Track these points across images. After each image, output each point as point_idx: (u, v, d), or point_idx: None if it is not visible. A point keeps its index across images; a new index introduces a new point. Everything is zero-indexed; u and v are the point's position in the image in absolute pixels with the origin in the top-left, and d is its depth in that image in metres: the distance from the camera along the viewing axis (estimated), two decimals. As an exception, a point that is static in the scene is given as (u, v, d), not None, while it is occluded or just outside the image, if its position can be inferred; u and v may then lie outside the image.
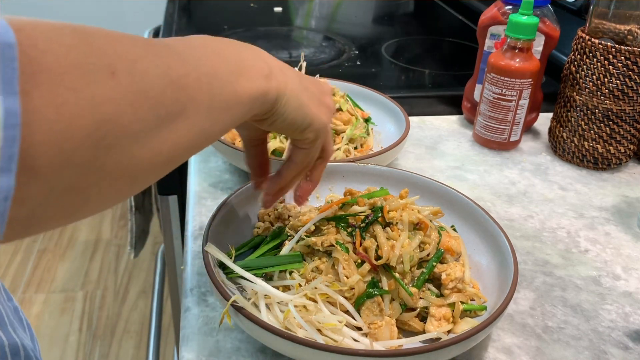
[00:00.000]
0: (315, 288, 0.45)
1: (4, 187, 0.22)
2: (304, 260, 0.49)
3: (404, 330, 0.48)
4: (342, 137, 0.70)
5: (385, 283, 0.47)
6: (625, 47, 0.69)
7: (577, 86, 0.74)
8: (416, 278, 0.48)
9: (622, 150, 0.75)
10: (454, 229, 0.55)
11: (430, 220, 0.52)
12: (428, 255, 0.49)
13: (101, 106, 0.25)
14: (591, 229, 0.64)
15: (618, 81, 0.70)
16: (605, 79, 0.71)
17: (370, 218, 0.49)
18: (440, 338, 0.45)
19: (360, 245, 0.48)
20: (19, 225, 0.24)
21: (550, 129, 0.81)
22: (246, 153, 0.50)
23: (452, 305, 0.47)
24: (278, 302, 0.45)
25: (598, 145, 0.74)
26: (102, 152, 0.25)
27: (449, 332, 0.47)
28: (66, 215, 0.27)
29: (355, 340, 0.44)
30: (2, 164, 0.21)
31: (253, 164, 0.51)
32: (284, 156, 0.48)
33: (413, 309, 0.47)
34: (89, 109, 0.24)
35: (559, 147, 0.78)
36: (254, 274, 0.47)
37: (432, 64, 1.07)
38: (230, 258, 0.47)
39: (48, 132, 0.23)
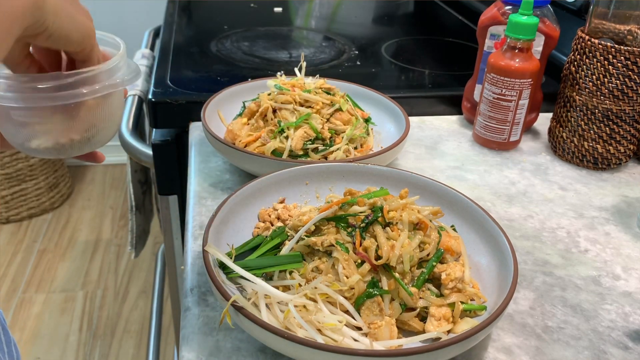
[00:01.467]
0: (315, 288, 0.45)
1: None
2: (304, 260, 0.49)
3: (404, 330, 0.48)
4: (342, 137, 0.70)
5: (385, 283, 0.47)
6: (625, 47, 0.69)
7: (577, 86, 0.74)
8: (416, 278, 0.48)
9: (622, 150, 0.75)
10: (454, 229, 0.55)
11: (430, 220, 0.52)
12: (428, 255, 0.49)
13: None
14: (591, 229, 0.64)
15: (618, 81, 0.70)
16: (605, 79, 0.71)
17: (370, 218, 0.49)
18: (440, 338, 0.45)
19: (360, 245, 0.48)
20: None
21: (550, 129, 0.81)
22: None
23: (452, 305, 0.47)
24: (278, 302, 0.45)
25: (598, 145, 0.74)
26: None
27: (448, 332, 0.47)
28: None
29: (355, 340, 0.44)
30: None
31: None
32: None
33: (413, 309, 0.47)
34: None
35: (558, 147, 0.78)
36: (254, 274, 0.47)
37: (432, 64, 1.07)
38: (230, 258, 0.47)
39: None
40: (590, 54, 0.72)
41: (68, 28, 0.39)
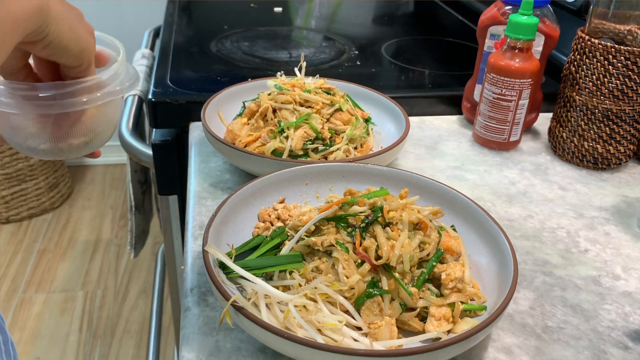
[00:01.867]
0: (315, 288, 0.45)
1: None
2: (304, 260, 0.49)
3: (404, 330, 0.48)
4: (342, 137, 0.70)
5: (385, 283, 0.47)
6: (625, 47, 0.69)
7: (577, 86, 0.74)
8: (416, 278, 0.48)
9: (622, 150, 0.75)
10: (454, 229, 0.55)
11: (430, 220, 0.52)
12: (428, 255, 0.49)
13: None
14: (591, 229, 0.64)
15: (618, 81, 0.70)
16: (605, 79, 0.71)
17: (370, 218, 0.49)
18: (440, 338, 0.45)
19: (360, 245, 0.48)
20: None
21: (550, 129, 0.81)
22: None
23: (452, 305, 0.47)
24: (278, 302, 0.45)
25: (598, 145, 0.74)
26: None
27: (448, 332, 0.47)
28: None
29: (355, 340, 0.44)
30: None
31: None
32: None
33: (413, 309, 0.47)
34: None
35: (558, 147, 0.78)
36: (254, 274, 0.47)
37: (432, 64, 1.07)
38: (230, 258, 0.47)
39: None
40: (590, 54, 0.72)
41: (68, 39, 0.39)
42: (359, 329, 0.45)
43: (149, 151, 0.87)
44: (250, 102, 0.73)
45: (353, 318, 0.45)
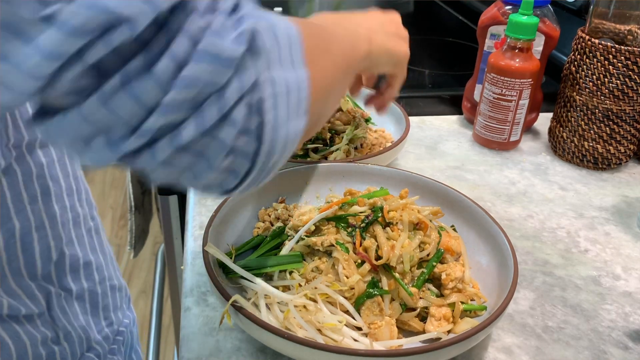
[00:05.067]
0: (315, 288, 0.45)
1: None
2: (304, 260, 0.49)
3: (404, 330, 0.48)
4: (342, 137, 0.70)
5: (385, 283, 0.47)
6: (625, 47, 0.69)
7: (577, 86, 0.74)
8: (416, 278, 0.48)
9: (622, 150, 0.75)
10: (454, 229, 0.55)
11: (430, 220, 0.52)
12: (428, 255, 0.49)
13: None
14: (591, 229, 0.64)
15: (618, 81, 0.70)
16: (605, 79, 0.71)
17: (370, 218, 0.49)
18: (440, 338, 0.45)
19: (360, 245, 0.48)
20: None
21: (550, 129, 0.81)
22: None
23: (452, 305, 0.47)
24: (278, 302, 0.45)
25: (598, 145, 0.74)
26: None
27: (449, 332, 0.47)
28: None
29: (355, 340, 0.44)
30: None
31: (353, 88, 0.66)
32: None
33: (413, 309, 0.47)
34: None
35: (559, 147, 0.78)
36: (254, 274, 0.47)
37: (432, 64, 1.07)
38: (230, 258, 0.47)
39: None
40: (591, 54, 0.72)
41: (385, 61, 0.53)
42: (359, 329, 0.45)
43: (149, 151, 0.87)
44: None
45: (353, 318, 0.45)
